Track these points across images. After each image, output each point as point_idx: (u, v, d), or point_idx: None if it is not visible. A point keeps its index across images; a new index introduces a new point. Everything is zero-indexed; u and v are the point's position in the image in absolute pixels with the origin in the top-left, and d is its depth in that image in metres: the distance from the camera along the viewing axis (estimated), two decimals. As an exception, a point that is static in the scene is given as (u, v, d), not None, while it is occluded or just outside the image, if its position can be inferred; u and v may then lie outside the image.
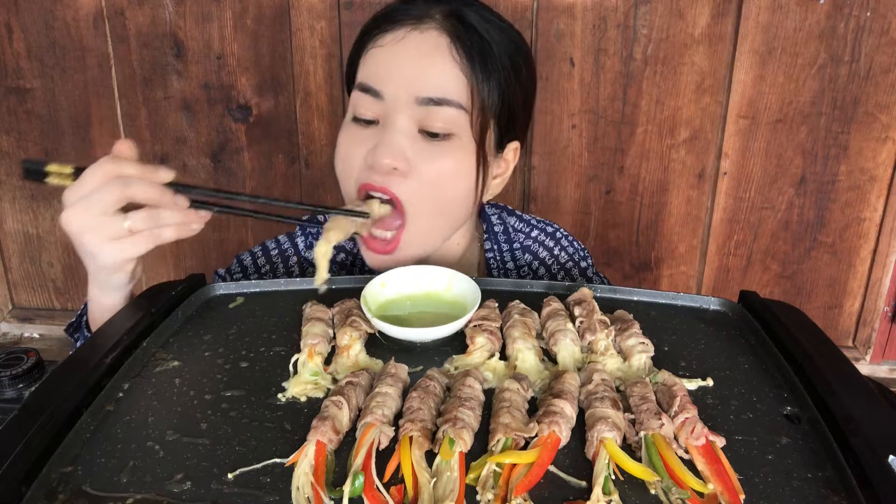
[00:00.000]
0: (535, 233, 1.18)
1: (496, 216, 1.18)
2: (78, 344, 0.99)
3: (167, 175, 0.79)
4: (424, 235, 0.98)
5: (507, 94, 0.96)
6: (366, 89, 0.94)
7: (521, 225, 1.18)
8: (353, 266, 1.13)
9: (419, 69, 0.92)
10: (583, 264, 1.18)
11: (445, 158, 0.93)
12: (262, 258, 1.14)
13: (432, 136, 0.93)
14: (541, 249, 1.17)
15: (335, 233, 0.88)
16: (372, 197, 0.93)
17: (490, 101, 0.94)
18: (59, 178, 0.80)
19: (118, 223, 0.77)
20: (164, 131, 1.77)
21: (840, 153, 1.66)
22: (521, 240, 1.17)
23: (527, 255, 1.16)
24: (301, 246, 1.14)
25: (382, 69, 0.93)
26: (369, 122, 0.95)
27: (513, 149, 1.03)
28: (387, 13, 0.97)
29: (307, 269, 1.13)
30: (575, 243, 1.20)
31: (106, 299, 0.87)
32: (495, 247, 1.14)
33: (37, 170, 0.79)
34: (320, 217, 1.13)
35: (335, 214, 0.90)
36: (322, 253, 0.85)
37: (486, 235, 1.14)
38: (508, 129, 1.00)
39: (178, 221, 0.79)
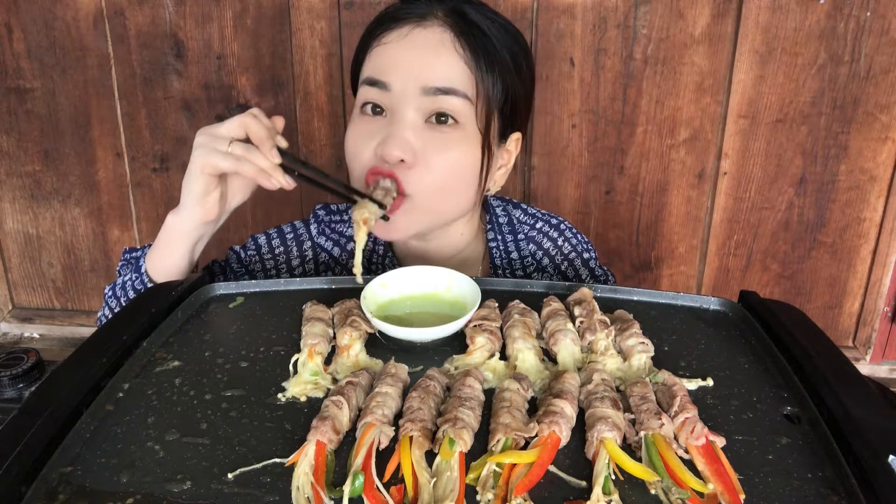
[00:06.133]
0: (539, 224, 1.20)
1: (500, 208, 1.20)
2: (124, 278, 1.03)
3: (282, 141, 0.91)
4: (424, 213, 1.00)
5: (509, 87, 1.00)
6: (373, 82, 0.97)
7: (526, 217, 1.21)
8: (364, 260, 1.14)
9: (425, 61, 0.95)
10: (585, 255, 1.20)
11: (451, 147, 0.97)
12: (276, 239, 1.17)
13: (439, 124, 0.96)
14: (545, 240, 1.19)
15: (360, 213, 0.93)
16: (378, 182, 0.97)
17: (493, 93, 0.98)
18: None
19: (225, 142, 0.90)
20: (164, 131, 1.77)
21: (840, 153, 1.66)
22: (526, 231, 1.19)
23: (531, 245, 1.18)
24: (314, 232, 1.17)
25: (389, 62, 0.97)
26: (376, 114, 0.98)
27: (514, 139, 1.07)
28: (390, 12, 1.00)
29: (320, 254, 1.15)
30: (579, 236, 1.22)
31: (176, 224, 0.95)
32: (499, 237, 1.16)
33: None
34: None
35: (361, 200, 0.94)
36: (360, 241, 0.91)
37: (489, 226, 1.16)
38: (511, 120, 1.03)
39: (264, 166, 0.89)
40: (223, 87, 1.72)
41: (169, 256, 0.96)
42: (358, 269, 0.89)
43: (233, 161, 0.89)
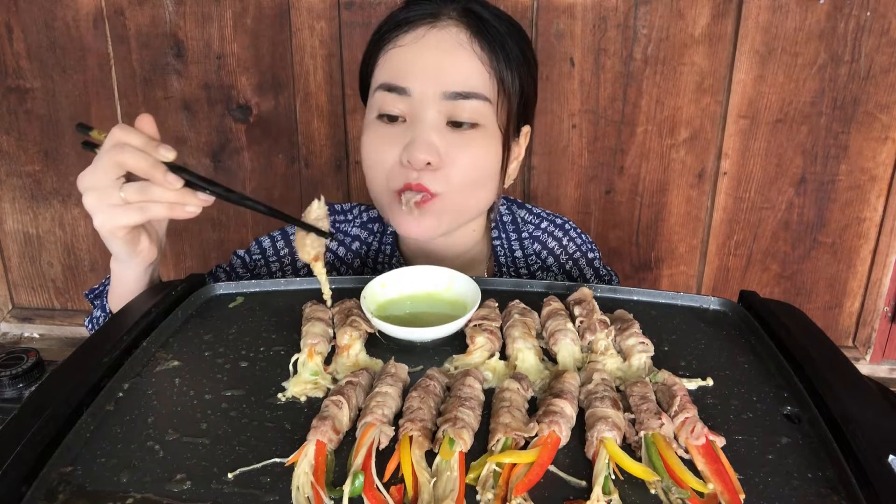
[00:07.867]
0: (544, 224, 1.21)
1: (505, 206, 1.20)
2: (96, 312, 1.03)
3: (167, 153, 0.78)
4: (453, 210, 1.01)
5: (524, 83, 1.01)
6: (391, 88, 0.97)
7: (531, 217, 1.21)
8: (369, 259, 1.14)
9: (444, 65, 0.95)
10: (590, 255, 1.21)
11: (474, 148, 0.97)
12: (280, 241, 1.17)
13: (459, 126, 0.96)
14: (549, 240, 1.19)
15: (305, 250, 0.83)
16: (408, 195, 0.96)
17: (511, 90, 0.99)
18: (98, 141, 0.82)
19: (115, 191, 0.78)
20: (164, 131, 1.75)
21: (840, 153, 1.66)
22: (531, 230, 1.19)
23: (536, 244, 1.18)
24: None
25: (407, 67, 0.96)
26: (394, 120, 0.98)
27: (524, 133, 1.08)
28: (401, 14, 0.99)
29: (326, 254, 1.14)
30: (583, 235, 1.22)
31: (122, 272, 0.92)
32: (503, 235, 1.17)
33: (85, 130, 0.84)
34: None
35: (299, 229, 0.83)
36: (321, 274, 0.84)
37: (493, 224, 1.17)
38: (523, 114, 1.05)
39: (171, 200, 0.79)
40: (223, 87, 1.72)
41: (128, 297, 0.91)
42: (328, 303, 0.84)
43: (136, 211, 0.79)
